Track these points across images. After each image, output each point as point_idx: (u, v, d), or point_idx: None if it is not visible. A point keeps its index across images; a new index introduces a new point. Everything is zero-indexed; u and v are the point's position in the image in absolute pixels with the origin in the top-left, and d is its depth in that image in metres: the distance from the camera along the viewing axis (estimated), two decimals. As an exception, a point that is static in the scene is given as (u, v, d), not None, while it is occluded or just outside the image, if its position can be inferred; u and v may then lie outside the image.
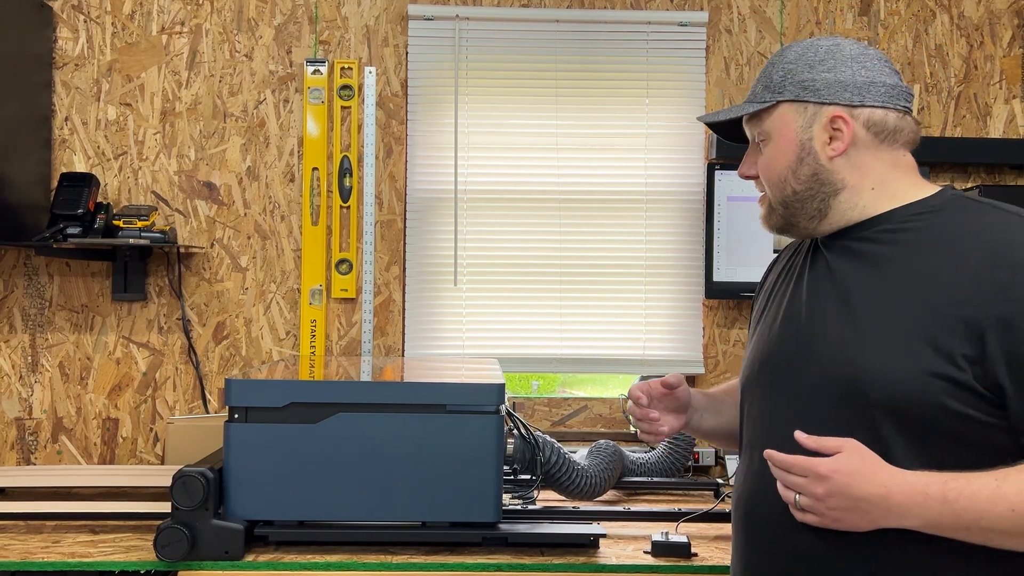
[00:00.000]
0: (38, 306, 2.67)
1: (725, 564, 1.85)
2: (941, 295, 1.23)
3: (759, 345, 1.46)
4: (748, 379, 1.48)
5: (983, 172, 2.80)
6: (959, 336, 1.20)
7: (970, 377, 1.20)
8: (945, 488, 1.16)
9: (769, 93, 1.40)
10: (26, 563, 1.80)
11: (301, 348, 2.70)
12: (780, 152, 1.39)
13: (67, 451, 2.67)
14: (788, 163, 1.39)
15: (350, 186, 2.72)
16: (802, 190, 1.38)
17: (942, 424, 1.21)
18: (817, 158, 1.37)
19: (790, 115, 1.38)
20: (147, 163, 2.71)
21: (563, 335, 2.79)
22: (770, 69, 1.42)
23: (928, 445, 1.22)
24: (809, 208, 1.39)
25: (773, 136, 1.40)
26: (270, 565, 1.79)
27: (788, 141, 1.38)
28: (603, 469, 2.27)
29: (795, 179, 1.38)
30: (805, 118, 1.37)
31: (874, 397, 1.24)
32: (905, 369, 1.22)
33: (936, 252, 1.27)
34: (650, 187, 2.79)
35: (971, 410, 1.20)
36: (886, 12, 2.81)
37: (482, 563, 1.82)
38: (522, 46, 2.78)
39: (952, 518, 1.16)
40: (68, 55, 2.69)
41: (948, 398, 1.20)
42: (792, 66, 1.39)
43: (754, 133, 1.44)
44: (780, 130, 1.39)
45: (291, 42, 2.73)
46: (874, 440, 1.23)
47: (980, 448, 1.21)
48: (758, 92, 1.43)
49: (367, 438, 1.86)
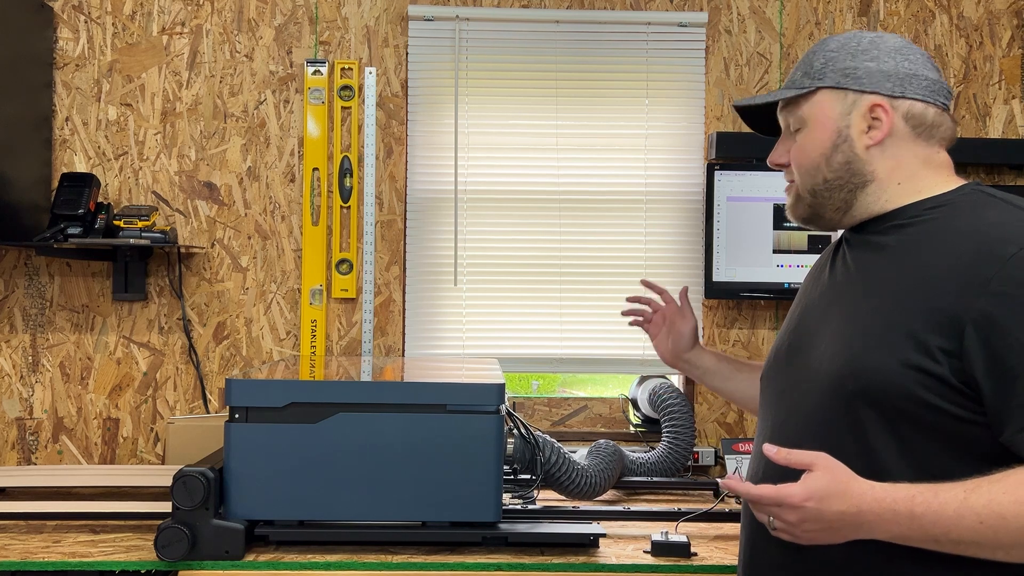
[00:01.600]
0: (39, 306, 2.68)
1: (725, 564, 1.86)
2: (926, 287, 1.23)
3: (776, 340, 1.50)
4: (763, 373, 1.51)
5: (982, 172, 2.81)
6: (938, 329, 1.20)
7: (946, 370, 1.19)
8: (912, 503, 1.15)
9: (808, 79, 1.39)
10: (26, 563, 1.80)
11: (301, 348, 2.70)
12: (815, 138, 1.38)
13: (68, 451, 2.68)
14: (823, 149, 1.37)
15: (350, 186, 2.72)
16: (832, 178, 1.37)
17: (919, 416, 1.21)
18: (853, 146, 1.36)
19: (829, 101, 1.37)
20: (148, 163, 2.71)
21: (563, 335, 2.79)
22: (811, 57, 1.41)
23: (908, 438, 1.22)
24: (836, 199, 1.38)
25: (809, 122, 1.39)
26: (270, 565, 1.79)
27: (825, 127, 1.37)
28: (603, 469, 2.27)
29: (827, 166, 1.37)
30: (844, 105, 1.36)
31: (853, 387, 1.25)
32: (881, 359, 1.23)
33: (929, 246, 1.27)
34: (650, 187, 2.80)
35: (946, 404, 1.20)
36: (886, 12, 2.82)
37: (482, 563, 1.82)
38: (522, 46, 2.78)
39: (920, 532, 1.15)
40: (69, 55, 2.70)
41: (923, 390, 1.20)
42: (834, 54, 1.38)
43: (789, 120, 1.43)
44: (817, 116, 1.38)
45: (291, 42, 2.73)
46: (857, 432, 1.24)
47: (960, 443, 1.21)
48: (797, 79, 1.41)
49: (367, 438, 1.86)
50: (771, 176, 2.71)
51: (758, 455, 1.42)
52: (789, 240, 2.72)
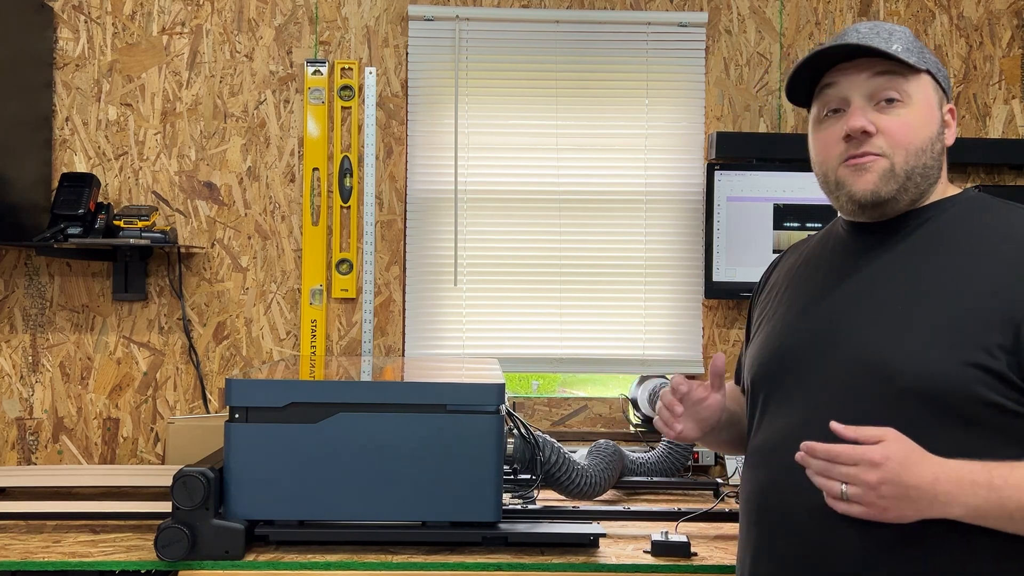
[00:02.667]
0: (39, 306, 2.68)
1: (725, 564, 1.85)
2: (975, 287, 1.25)
3: (774, 338, 1.43)
4: (761, 371, 1.44)
5: (983, 172, 2.81)
6: (994, 326, 1.21)
7: (1004, 366, 1.20)
8: (991, 475, 1.15)
9: (914, 56, 1.33)
10: (26, 563, 1.80)
11: (301, 348, 2.70)
12: (925, 120, 1.33)
13: (68, 451, 2.68)
14: (930, 133, 1.34)
15: (350, 186, 2.72)
16: (931, 164, 1.34)
17: (977, 414, 1.21)
18: (943, 140, 1.37)
19: (930, 89, 1.35)
20: (148, 163, 2.71)
21: (563, 335, 2.79)
22: (900, 35, 1.34)
23: (963, 434, 1.22)
24: (922, 186, 1.34)
25: (917, 101, 1.33)
26: (270, 565, 1.79)
27: (932, 113, 1.35)
28: (603, 469, 2.27)
29: (931, 151, 1.34)
30: (938, 98, 1.36)
31: (909, 386, 1.24)
32: (941, 358, 1.23)
33: (966, 245, 1.29)
34: (650, 187, 2.80)
35: (1006, 400, 1.21)
36: (886, 12, 2.82)
37: (482, 563, 1.82)
38: (522, 46, 2.78)
39: (997, 505, 1.15)
40: (69, 55, 2.70)
41: (983, 387, 1.21)
42: (919, 46, 1.35)
43: (885, 88, 1.33)
44: (926, 99, 1.34)
45: (291, 42, 2.73)
46: (909, 429, 1.21)
47: (1012, 438, 1.21)
48: (899, 51, 1.31)
49: (367, 438, 1.86)
50: (771, 176, 2.72)
51: (766, 462, 1.38)
52: (789, 240, 2.72)
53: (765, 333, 1.47)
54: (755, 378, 1.46)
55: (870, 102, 1.33)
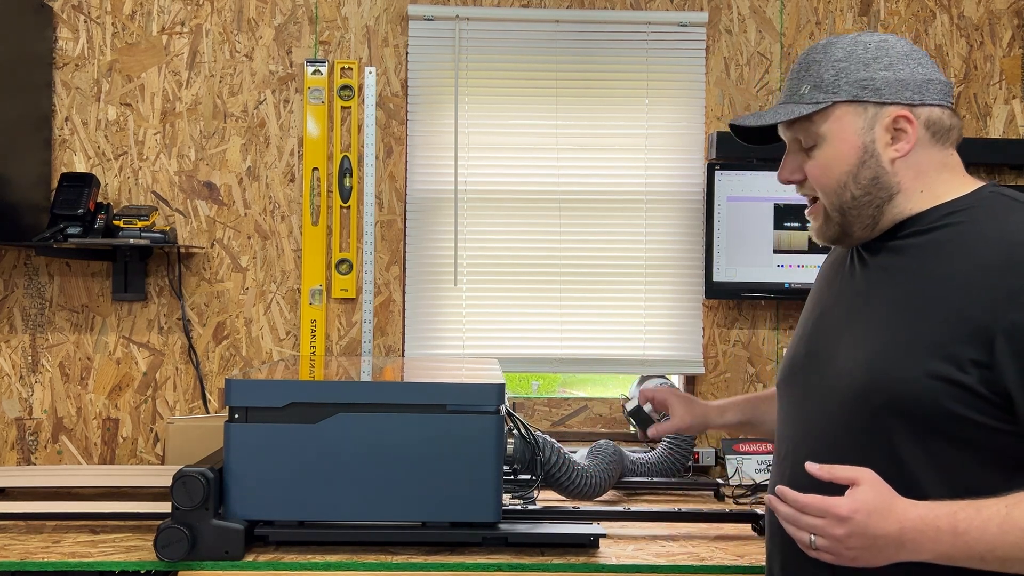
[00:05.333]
0: (38, 306, 2.67)
1: (725, 564, 1.85)
2: (953, 297, 1.21)
3: (792, 345, 1.46)
4: (780, 378, 1.48)
5: (983, 172, 2.80)
6: (968, 340, 1.18)
7: (975, 381, 1.17)
8: (955, 520, 1.13)
9: (821, 93, 1.32)
10: (26, 563, 1.80)
11: (301, 348, 2.70)
12: (839, 156, 1.33)
13: (67, 451, 2.67)
14: (848, 167, 1.32)
15: (350, 186, 2.72)
16: (860, 195, 1.32)
17: (946, 427, 1.20)
18: (879, 161, 1.31)
19: (849, 116, 1.32)
20: (147, 163, 2.71)
21: (563, 335, 2.79)
22: (816, 68, 1.34)
23: (939, 449, 1.21)
24: (865, 215, 1.33)
25: (829, 139, 1.33)
26: (270, 565, 1.79)
27: (848, 144, 1.32)
28: (603, 469, 2.27)
29: (855, 184, 1.32)
30: (866, 119, 1.31)
31: (879, 400, 1.23)
32: (907, 371, 1.21)
33: (954, 253, 1.25)
34: (650, 187, 2.79)
35: (976, 414, 1.18)
36: (886, 12, 2.82)
37: (482, 563, 1.82)
38: (522, 46, 2.78)
39: (964, 550, 1.13)
40: (68, 55, 2.69)
41: (950, 401, 1.18)
42: (844, 64, 1.32)
43: (799, 136, 1.36)
44: (838, 133, 1.32)
45: (291, 42, 2.73)
46: (885, 443, 1.21)
47: (990, 453, 1.20)
48: (805, 93, 1.34)
49: (367, 438, 1.86)
50: (771, 176, 2.68)
51: (783, 468, 1.39)
52: (789, 240, 2.72)
53: (792, 337, 1.50)
54: (777, 382, 1.50)
55: (800, 150, 1.38)
